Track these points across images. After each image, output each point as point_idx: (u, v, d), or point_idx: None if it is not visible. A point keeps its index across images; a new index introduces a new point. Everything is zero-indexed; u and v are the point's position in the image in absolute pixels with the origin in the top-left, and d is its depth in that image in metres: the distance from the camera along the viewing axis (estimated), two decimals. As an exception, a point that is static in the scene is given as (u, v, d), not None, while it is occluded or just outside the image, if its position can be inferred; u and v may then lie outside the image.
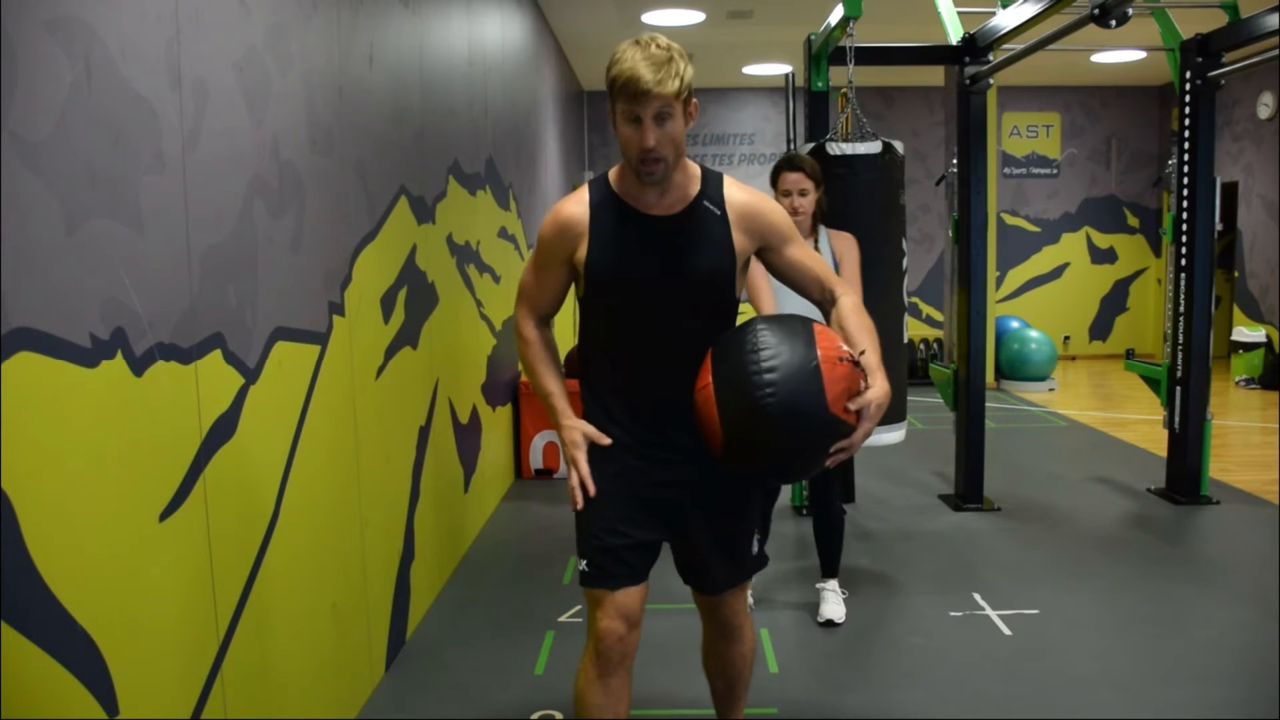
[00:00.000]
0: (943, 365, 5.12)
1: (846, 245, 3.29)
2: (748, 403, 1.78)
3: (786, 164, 3.27)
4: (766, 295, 3.30)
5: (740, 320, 2.02)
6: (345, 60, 2.81)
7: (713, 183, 1.98)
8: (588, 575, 2.02)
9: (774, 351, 1.79)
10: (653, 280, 1.94)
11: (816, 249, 3.28)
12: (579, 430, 2.02)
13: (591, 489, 1.98)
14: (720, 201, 1.96)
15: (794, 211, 3.25)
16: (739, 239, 1.97)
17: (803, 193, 3.23)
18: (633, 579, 2.01)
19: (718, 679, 2.30)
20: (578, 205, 1.97)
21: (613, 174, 1.99)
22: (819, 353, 1.80)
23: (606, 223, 1.94)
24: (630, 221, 1.94)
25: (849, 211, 3.69)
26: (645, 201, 1.94)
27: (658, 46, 1.81)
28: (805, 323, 1.88)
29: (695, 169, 1.98)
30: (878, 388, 1.87)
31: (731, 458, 1.87)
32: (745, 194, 2.00)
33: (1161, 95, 10.76)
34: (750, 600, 3.39)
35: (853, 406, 1.82)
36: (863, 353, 1.89)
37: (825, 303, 2.07)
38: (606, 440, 2.00)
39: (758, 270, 3.32)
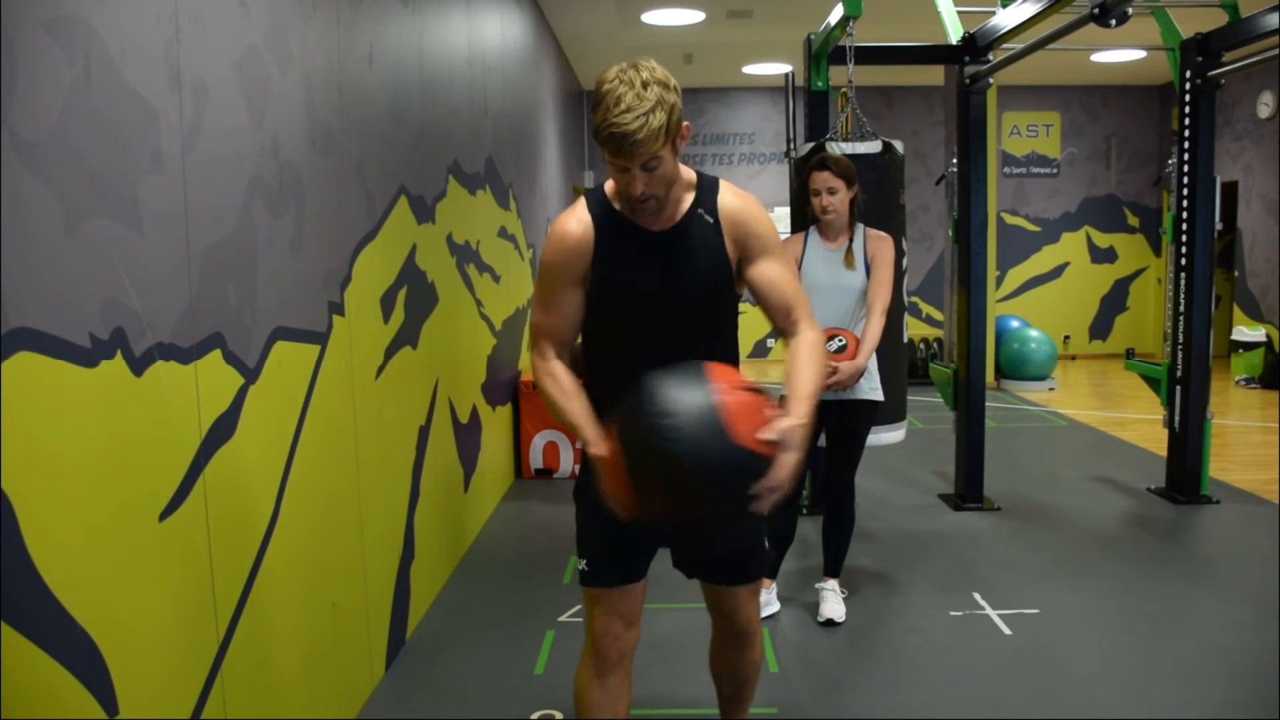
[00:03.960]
0: (943, 365, 5.12)
1: (881, 245, 3.29)
2: (653, 453, 1.66)
3: (817, 164, 3.27)
4: None
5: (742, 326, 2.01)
6: (345, 60, 2.80)
7: (707, 191, 1.96)
8: (586, 575, 2.02)
9: (669, 395, 1.69)
10: (654, 294, 1.93)
11: (851, 248, 3.28)
12: None
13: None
14: (714, 210, 1.94)
15: (824, 210, 3.25)
16: (730, 246, 1.95)
17: (832, 191, 3.23)
18: (631, 578, 2.02)
19: (726, 682, 2.30)
20: (579, 224, 1.94)
21: (609, 188, 1.97)
22: (716, 385, 1.69)
23: (607, 239, 1.93)
24: (629, 237, 1.93)
25: (849, 211, 3.69)
26: (641, 217, 1.93)
27: (642, 86, 1.74)
28: (697, 365, 1.78)
29: (691, 177, 1.96)
30: (793, 415, 1.76)
31: (653, 515, 1.76)
32: (738, 201, 1.97)
33: (1161, 95, 10.76)
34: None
35: (765, 435, 1.68)
36: (782, 398, 1.80)
37: (788, 331, 1.97)
38: None
39: None
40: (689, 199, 1.94)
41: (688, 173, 1.96)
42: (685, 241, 1.93)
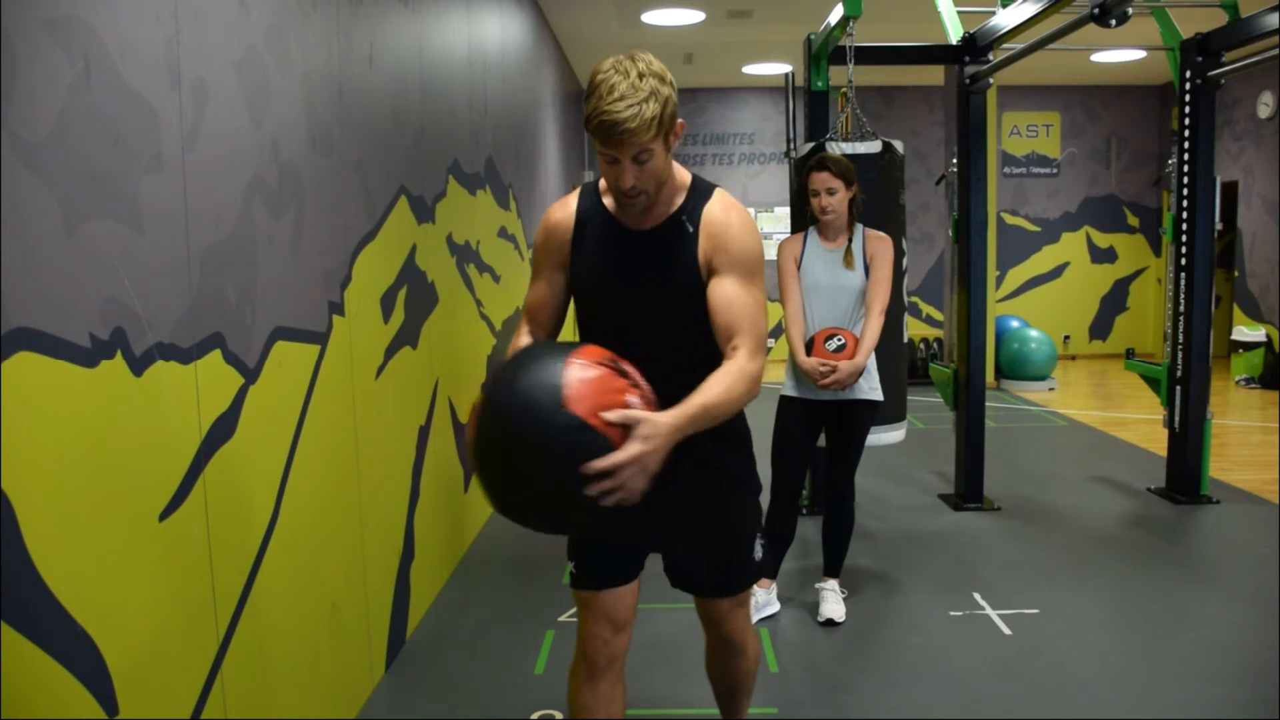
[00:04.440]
0: (943, 365, 5.12)
1: (880, 245, 3.29)
2: (485, 406, 1.63)
3: (816, 164, 3.27)
4: (794, 297, 3.31)
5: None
6: (345, 60, 2.80)
7: (697, 198, 1.91)
8: (575, 577, 2.02)
9: (519, 364, 1.65)
10: (623, 294, 1.91)
11: (850, 248, 3.29)
12: None
13: None
14: (697, 219, 1.89)
15: (823, 211, 3.25)
16: (702, 257, 1.89)
17: (831, 191, 3.24)
18: (620, 580, 2.00)
19: (719, 683, 2.29)
20: (563, 213, 1.96)
21: (603, 183, 1.94)
22: (570, 354, 1.63)
23: (588, 233, 1.93)
24: (610, 234, 1.92)
25: (849, 211, 3.70)
26: (627, 215, 1.91)
27: (638, 76, 1.72)
28: (567, 342, 1.73)
29: (686, 181, 1.92)
30: (665, 413, 1.63)
31: (482, 478, 1.70)
32: (722, 214, 1.89)
33: (1161, 95, 10.76)
34: (758, 600, 3.38)
35: (610, 417, 1.57)
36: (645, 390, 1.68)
37: (726, 356, 1.87)
38: None
39: (787, 271, 3.32)
40: (678, 203, 1.90)
41: (684, 175, 1.92)
42: (660, 245, 1.89)
